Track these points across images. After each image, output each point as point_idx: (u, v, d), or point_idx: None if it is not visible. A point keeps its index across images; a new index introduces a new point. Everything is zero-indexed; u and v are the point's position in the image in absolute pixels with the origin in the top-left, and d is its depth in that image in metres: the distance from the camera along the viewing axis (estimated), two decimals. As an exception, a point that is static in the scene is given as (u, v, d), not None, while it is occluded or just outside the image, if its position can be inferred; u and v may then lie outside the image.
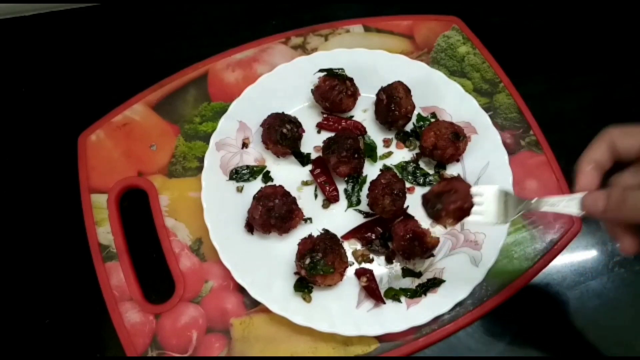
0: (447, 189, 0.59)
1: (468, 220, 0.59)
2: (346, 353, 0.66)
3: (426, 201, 0.60)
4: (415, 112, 0.78)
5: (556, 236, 0.73)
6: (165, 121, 0.80)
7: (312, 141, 0.79)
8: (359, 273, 0.69)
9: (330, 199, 0.74)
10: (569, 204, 0.53)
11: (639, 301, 0.72)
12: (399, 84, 0.76)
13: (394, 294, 0.67)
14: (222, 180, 0.74)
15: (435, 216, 0.59)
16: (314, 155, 0.78)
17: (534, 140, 0.79)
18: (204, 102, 0.81)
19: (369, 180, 0.74)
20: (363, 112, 0.81)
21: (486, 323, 0.70)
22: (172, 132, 0.79)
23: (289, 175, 0.76)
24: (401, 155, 0.78)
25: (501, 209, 0.58)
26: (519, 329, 0.70)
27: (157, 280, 0.70)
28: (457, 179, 0.64)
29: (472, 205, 0.58)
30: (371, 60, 0.81)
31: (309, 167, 0.77)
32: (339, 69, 0.78)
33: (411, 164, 0.77)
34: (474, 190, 0.59)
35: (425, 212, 0.61)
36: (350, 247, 0.72)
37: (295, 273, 0.69)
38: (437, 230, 0.72)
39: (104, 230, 0.72)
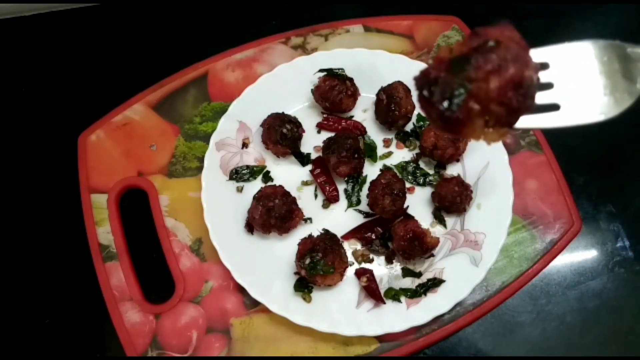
0: (475, 46, 0.29)
1: (536, 123, 0.30)
2: (346, 353, 0.66)
3: (429, 84, 0.30)
4: (415, 112, 0.78)
5: (556, 236, 0.73)
6: (165, 121, 0.80)
7: (312, 141, 0.79)
8: (359, 273, 0.69)
9: (330, 199, 0.74)
10: None
11: (639, 301, 0.72)
12: (399, 84, 0.76)
13: (394, 294, 0.67)
14: (222, 180, 0.74)
15: (456, 117, 0.28)
16: (314, 155, 0.78)
17: (534, 140, 0.79)
18: (204, 102, 0.81)
19: (369, 180, 0.74)
20: (363, 112, 0.81)
21: (486, 323, 0.70)
22: (172, 132, 0.79)
23: (289, 175, 0.76)
24: (401, 155, 0.78)
25: (603, 87, 0.30)
26: (519, 329, 0.70)
27: (157, 280, 0.70)
28: (496, 26, 0.32)
29: (537, 78, 0.29)
30: (371, 60, 0.81)
31: (309, 167, 0.77)
32: (339, 69, 0.78)
33: (411, 164, 0.77)
34: (536, 55, 0.30)
35: (430, 113, 0.31)
36: (350, 247, 0.72)
37: (295, 273, 0.69)
38: (437, 230, 0.73)
39: (104, 230, 0.72)
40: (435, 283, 0.68)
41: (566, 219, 0.74)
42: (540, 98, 0.30)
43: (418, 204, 0.74)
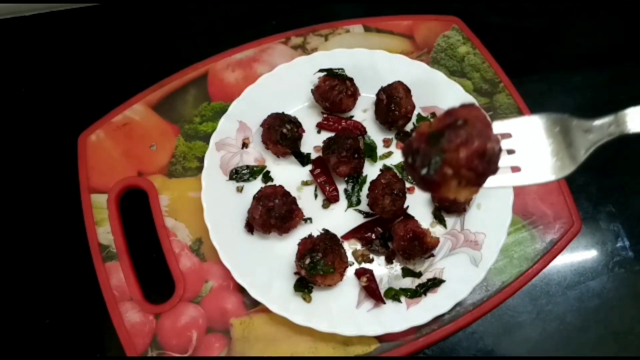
0: (449, 123, 0.35)
1: (500, 182, 0.36)
2: (346, 353, 0.66)
3: (413, 154, 0.36)
4: (415, 112, 0.78)
5: (556, 236, 0.73)
6: (165, 121, 0.80)
7: (312, 141, 0.79)
8: (359, 273, 0.69)
9: (330, 199, 0.74)
10: None
11: (639, 301, 0.72)
12: (399, 84, 0.76)
13: (394, 294, 0.67)
14: (222, 180, 0.74)
15: (434, 180, 0.34)
16: (314, 155, 0.78)
17: (534, 140, 0.79)
18: (204, 102, 0.81)
19: (369, 180, 0.74)
20: (363, 112, 0.81)
21: (486, 323, 0.70)
22: (172, 132, 0.79)
23: (289, 175, 0.76)
24: (401, 155, 0.78)
25: (554, 152, 0.37)
26: (519, 329, 0.70)
27: (157, 280, 0.70)
28: (465, 105, 0.37)
29: (499, 148, 0.35)
30: (371, 60, 0.81)
31: (309, 167, 0.77)
32: (339, 69, 0.78)
33: (411, 164, 0.77)
34: (497, 128, 0.36)
35: (414, 176, 0.36)
36: (350, 247, 0.72)
37: (295, 273, 0.69)
38: (437, 230, 0.73)
39: (104, 230, 0.72)
40: (435, 283, 0.68)
41: (566, 219, 0.74)
42: (505, 161, 0.37)
43: (418, 204, 0.74)
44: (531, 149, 0.37)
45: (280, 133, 0.73)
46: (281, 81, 0.79)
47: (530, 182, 0.38)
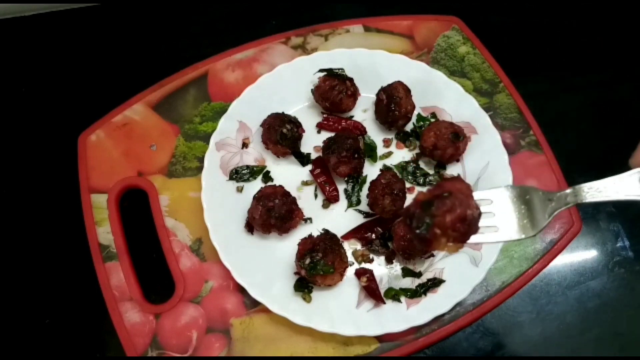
0: (437, 194, 0.44)
1: (481, 239, 0.46)
2: (346, 353, 0.66)
3: (410, 217, 0.45)
4: (415, 112, 0.78)
5: (556, 236, 0.73)
6: (165, 121, 0.80)
7: (312, 141, 0.79)
8: (359, 273, 0.69)
9: (330, 199, 0.74)
10: (627, 182, 0.44)
11: (639, 301, 0.72)
12: (399, 84, 0.76)
13: (394, 294, 0.67)
14: (222, 180, 0.74)
15: (427, 237, 0.43)
16: (314, 155, 0.78)
17: (534, 140, 0.79)
18: (204, 102, 0.81)
19: (369, 180, 0.74)
20: (363, 112, 0.81)
21: (486, 323, 0.70)
22: (172, 132, 0.79)
23: (289, 175, 0.76)
24: (401, 155, 0.78)
25: (524, 216, 0.46)
26: (519, 329, 0.70)
27: (157, 280, 0.70)
28: (451, 179, 0.47)
29: (478, 214, 0.43)
30: (371, 60, 0.81)
31: (309, 167, 0.77)
32: (339, 69, 0.78)
33: (411, 164, 0.77)
34: (478, 196, 0.46)
35: (411, 234, 0.45)
36: (350, 247, 0.72)
37: (295, 273, 0.69)
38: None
39: (104, 230, 0.72)
40: (435, 283, 0.68)
41: (566, 219, 0.74)
42: (486, 222, 0.45)
43: (418, 204, 0.74)
44: (506, 213, 0.46)
45: (280, 133, 0.73)
46: (281, 81, 0.79)
47: (505, 240, 0.47)
